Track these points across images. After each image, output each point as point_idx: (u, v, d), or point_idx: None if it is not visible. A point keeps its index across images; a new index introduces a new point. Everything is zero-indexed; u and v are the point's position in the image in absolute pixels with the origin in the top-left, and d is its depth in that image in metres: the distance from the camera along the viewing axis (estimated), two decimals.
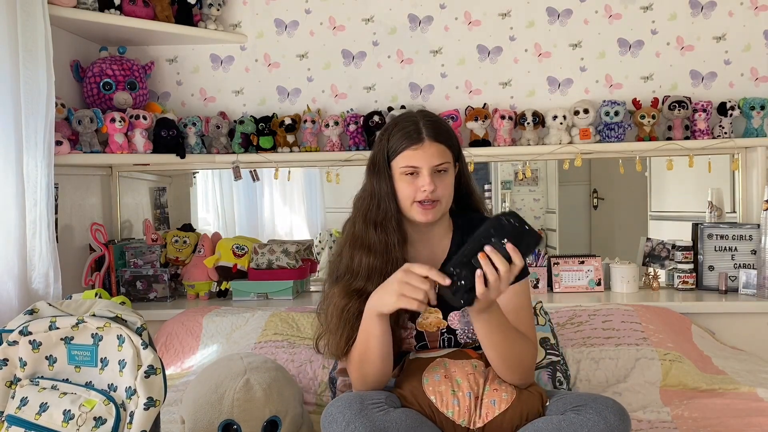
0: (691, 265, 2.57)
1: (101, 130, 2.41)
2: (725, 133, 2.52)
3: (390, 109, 2.64)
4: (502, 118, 2.57)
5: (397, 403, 1.36)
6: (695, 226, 2.62)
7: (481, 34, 2.69)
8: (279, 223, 3.29)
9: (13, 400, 1.28)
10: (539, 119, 2.58)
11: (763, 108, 2.49)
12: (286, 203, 3.28)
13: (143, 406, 1.20)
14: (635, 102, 2.58)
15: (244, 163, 2.69)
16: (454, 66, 2.70)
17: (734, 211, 2.67)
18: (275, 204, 3.26)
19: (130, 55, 2.69)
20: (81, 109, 2.39)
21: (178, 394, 1.81)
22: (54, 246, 2.11)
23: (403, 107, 2.64)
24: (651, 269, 2.66)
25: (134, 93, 2.55)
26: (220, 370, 1.55)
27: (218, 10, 2.67)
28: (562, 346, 2.01)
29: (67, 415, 1.21)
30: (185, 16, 2.61)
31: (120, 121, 2.41)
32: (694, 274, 2.58)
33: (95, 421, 1.21)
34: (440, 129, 1.47)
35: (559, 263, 2.63)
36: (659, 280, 2.63)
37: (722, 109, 2.52)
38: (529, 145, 2.60)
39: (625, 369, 1.95)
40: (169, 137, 2.53)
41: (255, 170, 2.78)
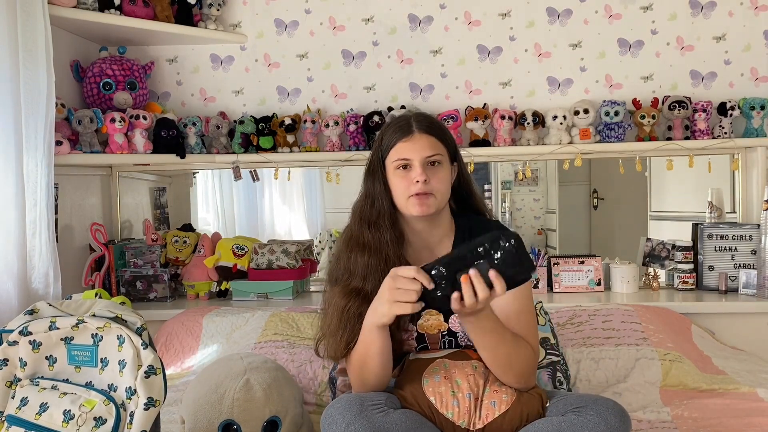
0: (691, 265, 2.57)
1: (101, 130, 2.41)
2: (725, 133, 2.52)
3: (390, 109, 2.64)
4: (502, 118, 2.57)
5: (397, 404, 1.36)
6: (695, 226, 2.61)
7: (481, 34, 2.69)
8: (279, 223, 3.29)
9: (13, 400, 1.28)
10: (539, 119, 2.58)
11: (763, 108, 2.49)
12: (285, 203, 3.28)
13: (143, 406, 1.20)
14: (635, 102, 2.58)
15: (244, 163, 2.69)
16: (454, 66, 2.70)
17: (734, 211, 2.67)
18: (275, 204, 3.26)
19: (130, 55, 2.69)
20: (81, 109, 2.39)
21: (178, 394, 1.81)
22: (54, 246, 2.11)
23: (403, 107, 2.64)
24: (651, 269, 2.66)
25: (134, 93, 2.55)
26: (220, 370, 1.55)
27: (218, 10, 2.67)
28: (562, 346, 2.01)
29: (67, 415, 1.22)
30: (185, 16, 2.61)
31: (120, 121, 2.41)
32: (694, 274, 2.58)
33: (95, 421, 1.21)
34: (432, 123, 1.48)
35: (559, 263, 2.63)
36: (659, 280, 2.63)
37: (722, 109, 2.52)
38: (529, 145, 2.60)
39: (625, 369, 1.95)
40: (169, 137, 2.53)
41: (255, 170, 2.78)
